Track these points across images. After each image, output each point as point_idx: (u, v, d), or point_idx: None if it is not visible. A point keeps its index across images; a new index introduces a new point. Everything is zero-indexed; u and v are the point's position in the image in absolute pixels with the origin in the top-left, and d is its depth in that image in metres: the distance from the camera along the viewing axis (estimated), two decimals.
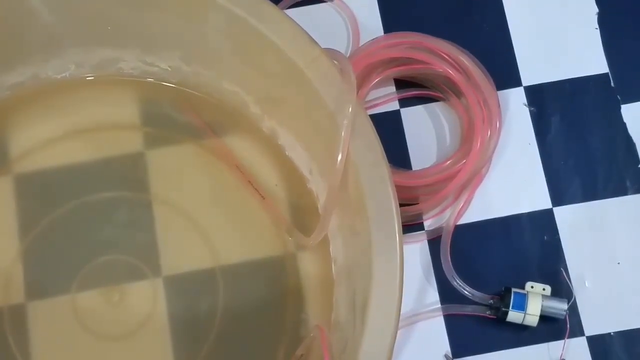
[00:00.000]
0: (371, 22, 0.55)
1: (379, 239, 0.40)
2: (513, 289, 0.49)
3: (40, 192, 0.50)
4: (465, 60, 0.51)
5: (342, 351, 0.41)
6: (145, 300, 0.49)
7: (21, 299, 0.48)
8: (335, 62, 0.42)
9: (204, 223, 0.50)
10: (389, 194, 0.40)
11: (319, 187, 0.49)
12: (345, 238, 0.46)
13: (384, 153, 0.41)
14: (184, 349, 0.48)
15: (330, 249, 0.49)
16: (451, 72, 0.51)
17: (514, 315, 0.49)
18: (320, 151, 0.46)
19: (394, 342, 0.39)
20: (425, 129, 0.53)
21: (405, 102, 0.54)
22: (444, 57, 0.52)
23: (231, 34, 0.44)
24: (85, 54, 0.49)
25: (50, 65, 0.50)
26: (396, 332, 0.39)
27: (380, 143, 0.41)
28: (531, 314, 0.49)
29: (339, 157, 0.41)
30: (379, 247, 0.40)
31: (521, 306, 0.49)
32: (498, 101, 0.51)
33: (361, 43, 0.54)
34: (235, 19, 0.43)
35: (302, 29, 0.42)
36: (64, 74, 0.50)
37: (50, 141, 0.51)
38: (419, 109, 0.54)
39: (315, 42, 0.42)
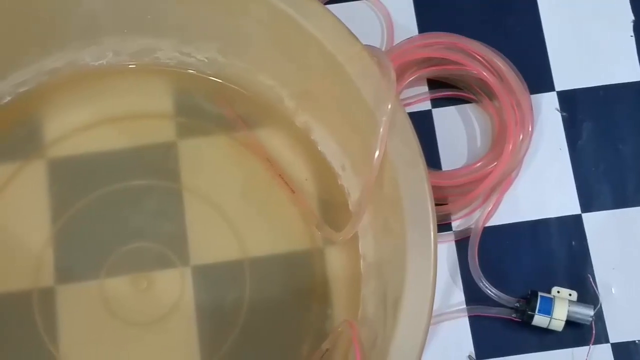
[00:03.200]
0: (406, 22, 0.55)
1: (414, 237, 0.40)
2: (539, 293, 0.50)
3: (72, 178, 0.51)
4: (500, 62, 0.51)
5: (371, 347, 0.41)
6: (173, 289, 0.49)
7: (51, 282, 0.49)
8: (375, 58, 0.42)
9: (233, 215, 0.50)
10: (425, 193, 0.40)
11: (350, 184, 0.49)
12: (376, 235, 0.46)
13: (422, 151, 0.41)
14: (209, 339, 0.48)
15: (360, 245, 0.49)
16: (485, 74, 0.51)
17: (539, 319, 0.49)
18: (354, 147, 0.46)
19: (426, 339, 0.39)
20: (457, 130, 0.54)
21: (437, 103, 0.54)
22: (478, 58, 0.52)
23: (271, 27, 0.45)
24: (124, 42, 0.50)
25: (89, 51, 0.50)
26: (428, 329, 0.39)
27: (417, 141, 0.41)
28: (557, 319, 0.49)
29: (377, 154, 0.41)
30: (414, 245, 0.40)
31: (547, 310, 0.49)
32: (531, 105, 0.52)
33: (395, 42, 0.54)
34: (277, 11, 0.43)
35: (344, 24, 0.43)
36: (101, 61, 0.51)
37: (84, 127, 0.51)
38: (451, 109, 0.54)
39: (356, 38, 0.42)
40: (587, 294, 0.51)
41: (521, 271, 0.51)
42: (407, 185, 0.41)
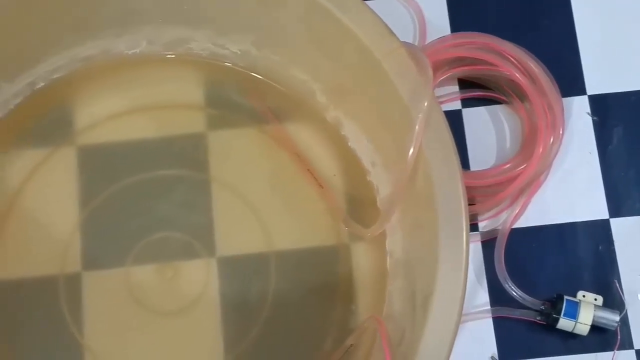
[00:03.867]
0: (438, 21, 0.55)
1: (446, 235, 0.40)
2: (565, 297, 0.49)
3: (102, 165, 0.51)
4: (532, 64, 0.51)
5: (398, 343, 0.41)
6: (198, 279, 0.49)
7: (77, 268, 0.49)
8: (412, 56, 0.42)
9: (261, 207, 0.50)
10: (459, 191, 0.40)
11: (380, 180, 0.49)
12: (405, 232, 0.46)
13: (456, 150, 0.41)
14: (233, 330, 0.48)
15: (387, 242, 0.49)
16: (517, 75, 0.51)
17: (564, 323, 0.49)
18: (386, 144, 0.46)
19: (456, 336, 0.39)
20: (486, 131, 0.53)
21: (467, 103, 0.54)
22: (511, 60, 0.52)
23: (309, 21, 0.45)
24: (158, 32, 0.50)
25: (123, 40, 0.50)
26: (458, 328, 0.39)
27: (452, 139, 0.41)
28: (582, 323, 0.49)
29: (411, 151, 0.41)
30: (446, 244, 0.40)
31: (573, 314, 0.49)
32: (563, 108, 0.51)
33: (427, 40, 0.54)
34: (315, 5, 0.43)
35: (382, 20, 0.43)
36: (134, 50, 0.51)
37: (115, 116, 0.51)
38: (481, 110, 0.54)
39: (394, 34, 0.42)
40: (613, 299, 0.50)
41: (547, 274, 0.51)
42: (440, 183, 0.41)
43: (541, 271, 0.51)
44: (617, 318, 0.49)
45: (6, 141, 0.51)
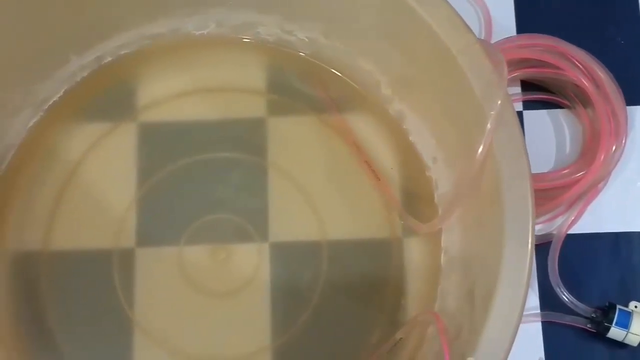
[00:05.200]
0: (505, 21, 0.54)
1: (511, 235, 0.39)
2: (618, 306, 0.49)
3: (161, 144, 0.51)
4: (598, 70, 0.51)
5: (455, 337, 0.41)
6: (250, 263, 0.49)
7: (131, 244, 0.49)
8: (488, 53, 0.42)
9: (316, 196, 0.50)
10: (527, 192, 0.40)
11: (440, 176, 0.49)
12: (465, 230, 0.46)
13: (526, 149, 0.41)
14: (282, 316, 0.48)
15: (442, 238, 0.49)
16: (583, 80, 0.51)
17: (615, 332, 0.48)
18: (450, 140, 0.46)
19: (515, 337, 0.39)
20: (546, 134, 0.53)
21: (529, 105, 0.54)
22: (577, 64, 0.51)
23: (383, 12, 0.44)
24: (228, 14, 0.50)
25: (192, 20, 0.50)
26: (519, 325, 0.39)
27: (523, 139, 0.41)
28: (634, 334, 0.48)
29: (481, 148, 0.40)
30: (511, 244, 0.39)
31: (625, 324, 0.48)
32: (627, 116, 0.51)
33: (493, 40, 0.53)
34: None
35: (459, 14, 0.42)
36: (202, 32, 0.51)
37: (177, 95, 0.52)
38: (542, 113, 0.53)
39: (471, 30, 0.42)
40: None
41: (599, 282, 0.51)
42: (509, 183, 0.40)
43: (593, 279, 0.51)
44: None
45: (69, 114, 0.51)
